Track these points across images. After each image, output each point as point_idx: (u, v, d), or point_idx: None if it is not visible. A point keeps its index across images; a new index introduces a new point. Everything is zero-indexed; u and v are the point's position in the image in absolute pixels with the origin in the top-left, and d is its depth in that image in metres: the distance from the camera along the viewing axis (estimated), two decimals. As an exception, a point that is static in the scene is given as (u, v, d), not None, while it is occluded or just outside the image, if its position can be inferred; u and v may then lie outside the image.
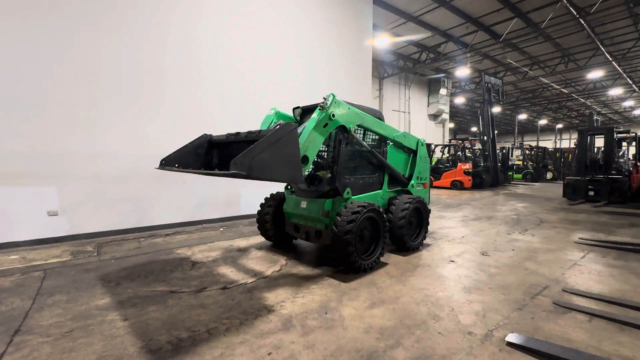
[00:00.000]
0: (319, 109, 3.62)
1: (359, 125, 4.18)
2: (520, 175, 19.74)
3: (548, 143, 37.77)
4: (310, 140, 3.50)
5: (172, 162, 3.78)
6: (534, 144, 29.33)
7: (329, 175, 4.10)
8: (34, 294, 3.19)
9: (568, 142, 39.63)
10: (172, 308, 2.88)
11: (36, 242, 4.97)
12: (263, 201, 4.92)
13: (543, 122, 35.58)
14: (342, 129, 3.93)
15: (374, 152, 4.44)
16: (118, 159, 5.64)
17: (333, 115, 3.68)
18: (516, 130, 31.79)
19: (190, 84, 6.41)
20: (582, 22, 11.30)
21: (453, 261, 4.28)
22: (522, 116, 32.49)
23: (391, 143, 4.89)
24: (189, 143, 4.00)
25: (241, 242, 5.22)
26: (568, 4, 10.36)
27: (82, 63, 5.26)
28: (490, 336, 2.44)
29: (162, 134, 6.06)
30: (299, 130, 3.62)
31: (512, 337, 2.37)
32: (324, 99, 3.70)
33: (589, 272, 3.86)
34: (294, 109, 4.53)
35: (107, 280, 3.57)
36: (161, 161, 3.74)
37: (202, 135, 4.10)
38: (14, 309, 2.86)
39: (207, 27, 6.58)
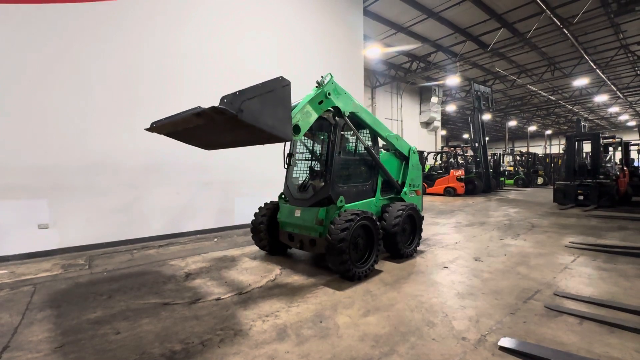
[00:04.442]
0: (316, 87, 3.67)
1: (352, 115, 4.22)
2: (511, 181, 20.03)
3: (538, 149, 38.47)
4: (304, 113, 3.54)
5: (162, 129, 3.35)
6: (524, 150, 29.81)
7: (322, 183, 4.14)
8: (23, 309, 3.13)
9: (557, 147, 40.37)
10: (166, 320, 2.85)
11: (26, 256, 4.88)
12: (257, 210, 4.93)
13: (532, 128, 36.28)
14: (337, 112, 3.97)
15: (369, 149, 4.50)
16: (109, 171, 5.60)
17: (329, 94, 3.73)
18: (507, 137, 32.37)
19: (182, 93, 6.43)
20: (566, 32, 11.69)
21: (447, 267, 4.31)
22: (512, 123, 33.12)
23: (383, 150, 4.96)
24: (184, 112, 3.73)
25: (235, 252, 5.20)
26: (552, 15, 10.72)
27: (72, 74, 5.25)
28: (483, 341, 2.46)
29: (155, 144, 6.03)
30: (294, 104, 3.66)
31: (504, 342, 2.39)
32: (322, 77, 3.75)
33: (579, 276, 3.92)
34: None
35: (99, 293, 3.52)
36: (152, 124, 3.33)
37: (197, 107, 3.90)
38: (2, 325, 2.80)
39: (198, 37, 6.64)
